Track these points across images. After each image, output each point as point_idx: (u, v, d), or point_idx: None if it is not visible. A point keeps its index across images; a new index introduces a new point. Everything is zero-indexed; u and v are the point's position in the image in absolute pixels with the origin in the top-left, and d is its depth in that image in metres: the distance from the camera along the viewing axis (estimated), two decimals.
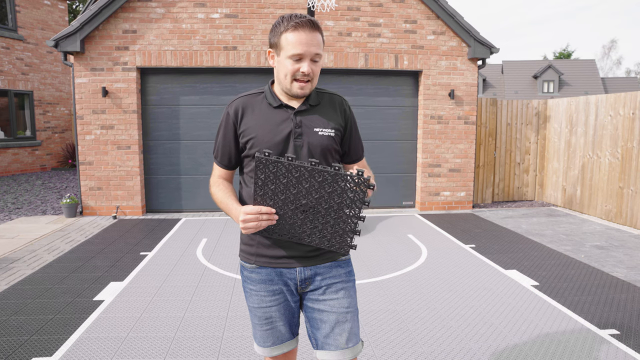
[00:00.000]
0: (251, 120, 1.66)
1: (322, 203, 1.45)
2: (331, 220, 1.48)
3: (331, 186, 1.42)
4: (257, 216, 1.49)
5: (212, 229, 6.24)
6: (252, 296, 1.72)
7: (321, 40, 1.61)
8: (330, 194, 1.43)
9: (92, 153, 6.96)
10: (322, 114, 1.69)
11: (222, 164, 1.76)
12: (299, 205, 1.47)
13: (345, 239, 1.50)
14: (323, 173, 1.41)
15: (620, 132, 6.56)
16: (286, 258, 1.66)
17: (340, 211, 1.45)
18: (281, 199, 1.48)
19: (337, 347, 1.66)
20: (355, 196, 1.41)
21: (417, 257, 4.98)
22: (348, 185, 1.40)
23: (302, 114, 1.66)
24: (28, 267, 4.62)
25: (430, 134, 7.50)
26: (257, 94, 1.72)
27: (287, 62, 1.59)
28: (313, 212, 1.47)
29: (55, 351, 2.92)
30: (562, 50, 47.79)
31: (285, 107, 1.66)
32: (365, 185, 1.40)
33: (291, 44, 1.56)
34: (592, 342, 3.05)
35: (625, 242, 5.64)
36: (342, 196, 1.43)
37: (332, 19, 7.12)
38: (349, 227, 1.48)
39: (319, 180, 1.43)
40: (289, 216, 1.50)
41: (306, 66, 1.58)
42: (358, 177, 1.39)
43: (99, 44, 6.82)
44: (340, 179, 1.41)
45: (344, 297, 1.69)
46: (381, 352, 2.93)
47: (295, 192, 1.46)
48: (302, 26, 1.56)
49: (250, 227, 1.49)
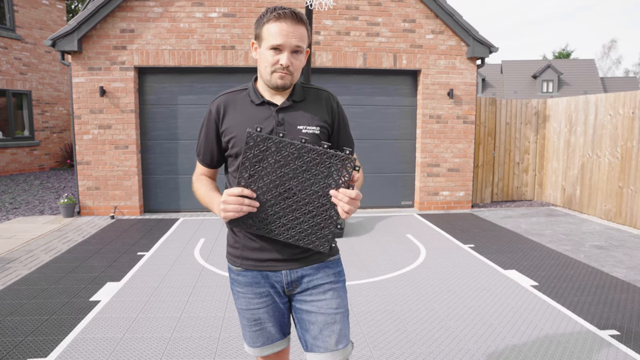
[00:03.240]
0: (233, 119, 1.62)
1: (307, 187, 1.44)
2: (314, 209, 1.46)
3: (318, 166, 1.43)
4: (239, 198, 1.44)
5: (209, 229, 6.21)
6: (240, 298, 1.69)
7: (305, 34, 1.56)
8: (316, 175, 1.43)
9: (89, 153, 6.93)
10: (307, 110, 1.63)
11: (204, 162, 1.73)
12: (284, 189, 1.45)
13: (325, 234, 1.47)
14: (312, 151, 1.42)
15: (620, 131, 6.54)
16: (271, 261, 1.62)
17: (325, 198, 1.44)
18: (266, 183, 1.46)
19: (327, 349, 1.63)
20: (341, 177, 1.42)
21: (416, 257, 4.96)
22: (333, 162, 1.41)
23: (285, 110, 1.61)
24: (25, 267, 4.60)
25: (429, 134, 7.47)
26: (240, 91, 1.68)
27: (267, 54, 1.55)
28: (297, 199, 1.46)
29: (51, 352, 2.89)
30: (561, 50, 47.80)
31: (268, 104, 1.62)
32: (351, 166, 1.41)
33: (272, 35, 1.53)
34: (592, 343, 3.03)
35: (625, 242, 5.62)
36: (328, 178, 1.43)
37: (330, 18, 7.10)
38: (332, 218, 1.45)
39: (307, 160, 1.43)
40: (271, 204, 1.47)
41: (285, 58, 1.53)
42: (345, 156, 1.40)
43: (96, 43, 6.79)
44: (327, 157, 1.42)
45: (332, 298, 1.65)
46: (379, 353, 2.91)
47: (281, 174, 1.45)
48: (283, 17, 1.52)
49: (230, 211, 1.44)
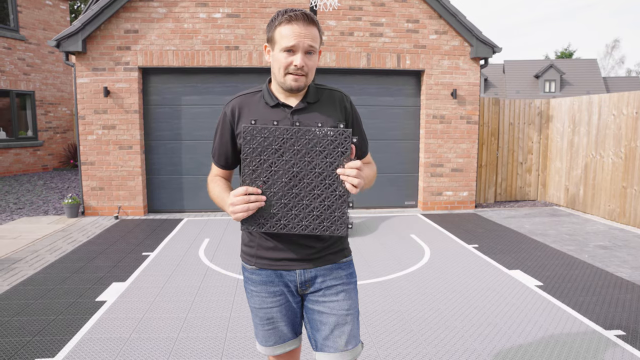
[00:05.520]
0: (248, 121, 1.64)
1: (310, 171, 1.49)
2: (322, 192, 1.49)
3: (317, 146, 1.48)
4: (244, 197, 1.46)
5: (214, 229, 6.23)
6: (254, 297, 1.71)
7: (317, 35, 1.58)
8: (317, 156, 1.49)
9: (93, 153, 6.95)
10: (321, 111, 1.65)
11: (219, 164, 1.75)
12: (289, 177, 1.49)
13: (338, 215, 1.50)
14: (308, 132, 1.49)
15: (624, 131, 6.53)
16: (286, 260, 1.64)
17: (330, 177, 1.49)
18: (271, 175, 1.49)
19: (336, 349, 1.65)
20: (340, 151, 1.48)
21: (420, 257, 4.96)
22: (330, 139, 1.48)
23: (299, 112, 1.63)
24: (30, 267, 4.62)
25: (432, 134, 7.47)
26: (255, 93, 1.69)
27: (280, 56, 1.56)
28: (303, 185, 1.50)
29: (58, 352, 2.91)
30: (563, 50, 47.72)
31: (283, 106, 1.63)
32: (348, 138, 1.47)
33: (284, 37, 1.54)
34: (597, 343, 3.03)
35: (629, 242, 5.61)
36: (329, 156, 1.48)
37: (334, 18, 7.11)
38: (342, 197, 1.50)
39: (304, 143, 1.49)
40: (279, 197, 1.49)
41: (299, 59, 1.54)
42: (341, 130, 1.48)
43: (100, 43, 6.81)
44: (323, 135, 1.48)
45: (344, 300, 1.68)
46: (385, 354, 2.91)
47: (284, 162, 1.49)
48: (295, 19, 1.53)
49: (238, 211, 1.46)
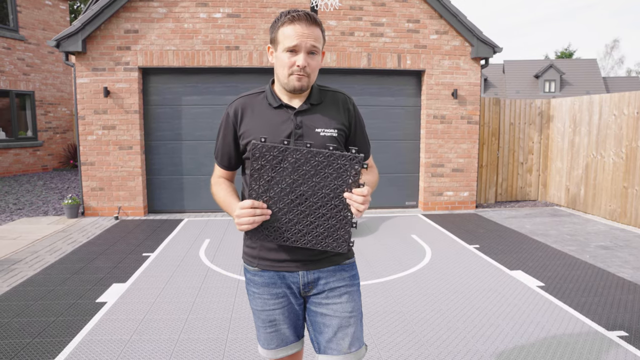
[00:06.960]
0: (251, 122, 1.63)
1: (318, 191, 1.47)
2: (328, 212, 1.48)
3: (326, 169, 1.45)
4: (250, 210, 1.47)
5: (214, 230, 6.21)
6: (256, 299, 1.70)
7: (320, 35, 1.58)
8: (325, 178, 1.46)
9: (93, 153, 6.93)
10: (324, 113, 1.64)
11: (222, 164, 1.74)
12: (296, 195, 1.48)
13: (342, 234, 1.49)
14: (318, 155, 1.45)
15: (625, 131, 6.52)
16: (289, 262, 1.63)
17: (337, 199, 1.47)
18: (277, 192, 1.48)
19: (340, 351, 1.63)
20: (350, 177, 1.45)
21: (421, 258, 4.95)
22: (341, 163, 1.44)
23: (303, 114, 1.62)
24: (30, 268, 4.60)
25: (433, 134, 7.46)
26: (258, 94, 1.69)
27: (283, 56, 1.56)
28: (309, 204, 1.48)
29: (58, 354, 2.90)
30: (563, 50, 47.73)
31: (286, 107, 1.63)
32: (359, 164, 1.44)
33: (287, 37, 1.54)
34: (600, 344, 3.02)
35: (630, 242, 5.60)
36: (338, 179, 1.46)
37: (334, 18, 7.10)
38: (346, 218, 1.48)
39: (314, 164, 1.46)
40: (285, 212, 1.49)
41: (301, 59, 1.54)
42: (352, 155, 1.44)
43: (100, 44, 6.79)
44: (334, 158, 1.45)
45: (347, 302, 1.66)
46: (387, 355, 2.90)
47: (292, 181, 1.47)
48: (298, 19, 1.53)
49: (244, 224, 1.47)
